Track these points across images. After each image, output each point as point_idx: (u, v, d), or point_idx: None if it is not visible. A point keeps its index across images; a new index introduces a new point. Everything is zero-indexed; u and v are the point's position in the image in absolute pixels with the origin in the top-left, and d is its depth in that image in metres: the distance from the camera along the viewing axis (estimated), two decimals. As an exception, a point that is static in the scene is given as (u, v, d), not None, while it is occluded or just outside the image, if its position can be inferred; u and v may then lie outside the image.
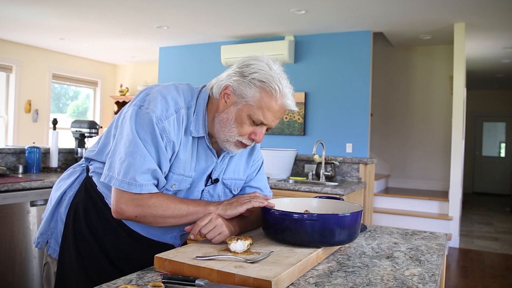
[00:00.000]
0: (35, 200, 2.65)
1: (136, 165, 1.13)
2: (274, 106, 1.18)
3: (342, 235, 1.15)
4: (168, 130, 1.16)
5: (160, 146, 1.15)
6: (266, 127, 1.23)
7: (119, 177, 1.14)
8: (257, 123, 1.21)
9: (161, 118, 1.15)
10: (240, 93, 1.19)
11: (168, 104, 1.18)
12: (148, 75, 8.34)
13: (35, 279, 2.63)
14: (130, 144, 1.15)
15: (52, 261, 1.36)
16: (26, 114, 7.19)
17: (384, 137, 6.81)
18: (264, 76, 1.18)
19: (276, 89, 1.17)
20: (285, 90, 1.19)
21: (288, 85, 1.21)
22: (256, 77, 1.18)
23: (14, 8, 5.06)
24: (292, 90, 1.23)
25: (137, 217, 1.17)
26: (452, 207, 5.13)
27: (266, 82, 1.17)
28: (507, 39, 5.77)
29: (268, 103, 1.18)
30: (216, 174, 1.31)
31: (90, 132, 3.62)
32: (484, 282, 3.87)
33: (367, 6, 4.64)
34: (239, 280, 0.93)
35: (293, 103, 1.22)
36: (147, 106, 1.17)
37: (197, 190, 1.29)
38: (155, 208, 1.16)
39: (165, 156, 1.17)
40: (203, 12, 5.08)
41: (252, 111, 1.18)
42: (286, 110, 1.23)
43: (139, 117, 1.16)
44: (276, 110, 1.19)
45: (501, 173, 10.22)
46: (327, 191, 3.08)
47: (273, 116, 1.20)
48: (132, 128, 1.15)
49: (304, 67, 5.93)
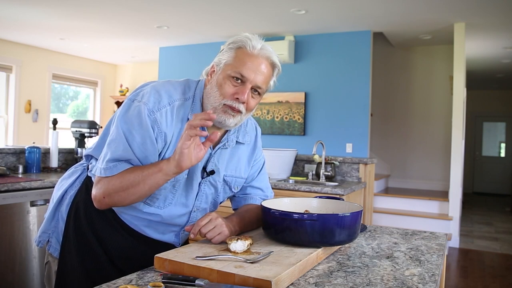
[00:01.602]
0: (35, 200, 2.64)
1: (111, 151, 1.16)
2: (249, 57, 1.19)
3: (342, 235, 1.15)
4: (160, 121, 1.17)
5: (148, 137, 1.16)
6: (251, 86, 1.20)
7: (99, 165, 1.19)
8: (238, 78, 1.19)
9: (153, 110, 1.17)
10: (219, 62, 1.24)
11: (161, 96, 1.20)
12: (148, 75, 8.34)
13: (35, 279, 2.63)
14: (112, 134, 1.19)
15: (53, 260, 1.36)
16: (26, 114, 7.19)
17: (384, 137, 6.81)
18: (238, 39, 1.23)
19: (248, 44, 1.20)
20: (258, 43, 1.21)
21: (265, 43, 1.23)
22: (231, 42, 1.24)
23: (14, 8, 5.06)
24: (271, 47, 1.24)
25: (105, 197, 1.17)
26: (452, 207, 5.13)
27: (239, 42, 1.22)
28: (507, 39, 5.77)
29: (243, 57, 1.20)
30: (211, 166, 1.30)
31: (90, 132, 3.62)
32: (484, 282, 3.87)
33: (367, 6, 4.64)
34: (239, 280, 0.93)
35: (271, 52, 1.22)
36: (139, 99, 1.20)
37: (195, 182, 1.29)
38: (114, 182, 1.15)
39: (154, 146, 1.18)
40: (203, 12, 5.08)
41: (230, 68, 1.20)
42: (267, 62, 1.21)
43: (129, 110, 1.19)
44: (252, 60, 1.19)
45: (501, 173, 10.22)
46: (327, 191, 3.08)
47: (251, 68, 1.18)
48: (118, 120, 1.19)
49: (304, 67, 5.93)
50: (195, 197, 1.31)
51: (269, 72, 1.23)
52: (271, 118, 6.08)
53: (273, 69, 1.25)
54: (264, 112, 6.12)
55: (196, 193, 1.31)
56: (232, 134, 1.32)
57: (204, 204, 1.34)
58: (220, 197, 1.39)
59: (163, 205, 1.27)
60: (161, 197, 1.26)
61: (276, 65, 1.25)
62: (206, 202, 1.35)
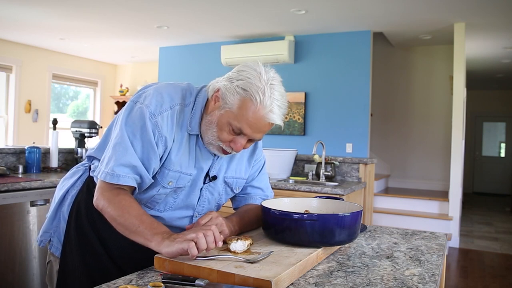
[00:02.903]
0: (35, 200, 2.64)
1: (117, 156, 1.15)
2: (253, 116, 1.12)
3: (342, 235, 1.15)
4: (161, 125, 1.17)
5: (149, 141, 1.16)
6: (248, 139, 1.18)
7: (102, 168, 1.17)
8: (236, 132, 1.16)
9: (154, 113, 1.16)
10: (225, 98, 1.15)
11: (163, 99, 1.19)
12: (148, 75, 8.34)
13: (35, 279, 2.63)
14: (117, 137, 1.17)
15: (55, 259, 1.37)
16: (26, 114, 7.19)
17: (384, 137, 6.81)
18: (248, 85, 1.11)
19: (257, 99, 1.10)
20: (268, 102, 1.11)
21: (276, 97, 1.13)
22: (241, 84, 1.12)
23: (14, 8, 5.06)
24: (281, 103, 1.14)
25: (101, 210, 1.16)
26: (452, 207, 5.13)
27: (248, 91, 1.11)
28: (507, 39, 5.77)
29: (247, 113, 1.12)
30: (214, 172, 1.30)
31: (90, 132, 3.62)
32: (484, 282, 3.87)
33: (367, 6, 4.64)
34: (239, 280, 0.93)
35: (277, 116, 1.13)
36: (142, 101, 1.19)
37: (197, 188, 1.29)
38: (113, 209, 1.12)
39: (155, 151, 1.17)
40: (203, 12, 5.08)
41: (232, 118, 1.14)
42: (269, 123, 1.15)
43: (132, 112, 1.18)
44: (255, 121, 1.12)
45: (501, 173, 10.22)
46: (327, 191, 3.08)
47: (252, 127, 1.14)
48: (122, 123, 1.18)
49: (304, 67, 5.93)
50: (197, 203, 1.31)
51: (270, 127, 1.18)
52: (271, 118, 6.07)
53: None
54: (264, 112, 6.10)
55: (198, 198, 1.31)
56: None
57: (206, 210, 1.34)
58: (223, 199, 1.39)
59: (163, 209, 1.28)
60: (161, 201, 1.26)
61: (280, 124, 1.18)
62: (208, 207, 1.35)
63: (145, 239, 1.06)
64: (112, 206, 1.12)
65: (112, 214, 1.12)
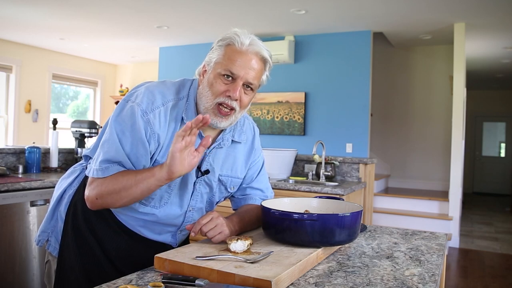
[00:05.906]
0: (35, 200, 2.64)
1: (103, 152, 1.17)
2: (238, 54, 1.17)
3: (342, 235, 1.15)
4: (153, 122, 1.17)
5: (139, 138, 1.16)
6: (243, 83, 1.19)
7: (92, 166, 1.19)
8: (229, 76, 1.18)
9: (146, 111, 1.17)
10: (210, 60, 1.22)
11: (155, 97, 1.20)
12: (148, 75, 8.34)
13: (35, 279, 2.63)
14: (106, 134, 1.20)
15: (53, 259, 1.37)
16: (26, 114, 7.19)
17: (384, 137, 6.81)
18: (226, 36, 1.21)
19: (237, 40, 1.18)
20: (246, 39, 1.19)
21: (254, 37, 1.21)
22: (220, 39, 1.22)
23: (14, 8, 5.06)
24: (260, 40, 1.22)
25: (98, 199, 1.17)
26: (452, 207, 5.13)
27: (227, 38, 1.20)
28: (507, 39, 5.77)
29: (232, 54, 1.18)
30: (206, 166, 1.30)
31: (90, 132, 3.62)
32: (484, 282, 3.87)
33: (367, 6, 4.64)
34: (239, 280, 0.93)
35: (260, 47, 1.20)
36: (133, 100, 1.20)
37: (190, 181, 1.29)
38: (107, 185, 1.15)
39: (145, 148, 1.17)
40: (203, 12, 5.08)
41: (220, 68, 1.18)
42: (257, 58, 1.20)
43: (123, 111, 1.19)
44: (241, 57, 1.17)
45: (501, 173, 10.22)
46: (327, 191, 3.07)
47: (241, 65, 1.17)
48: (112, 121, 1.20)
49: (304, 67, 5.93)
50: (190, 197, 1.31)
51: (260, 67, 1.22)
52: (271, 118, 6.08)
53: (264, 63, 1.23)
54: (264, 112, 6.12)
55: (191, 192, 1.31)
56: (227, 133, 1.32)
57: (199, 204, 1.34)
58: (216, 197, 1.39)
59: (158, 205, 1.27)
60: (156, 197, 1.26)
61: (266, 59, 1.23)
62: (201, 201, 1.34)
63: (147, 178, 1.12)
64: (106, 185, 1.15)
65: (110, 189, 1.15)
